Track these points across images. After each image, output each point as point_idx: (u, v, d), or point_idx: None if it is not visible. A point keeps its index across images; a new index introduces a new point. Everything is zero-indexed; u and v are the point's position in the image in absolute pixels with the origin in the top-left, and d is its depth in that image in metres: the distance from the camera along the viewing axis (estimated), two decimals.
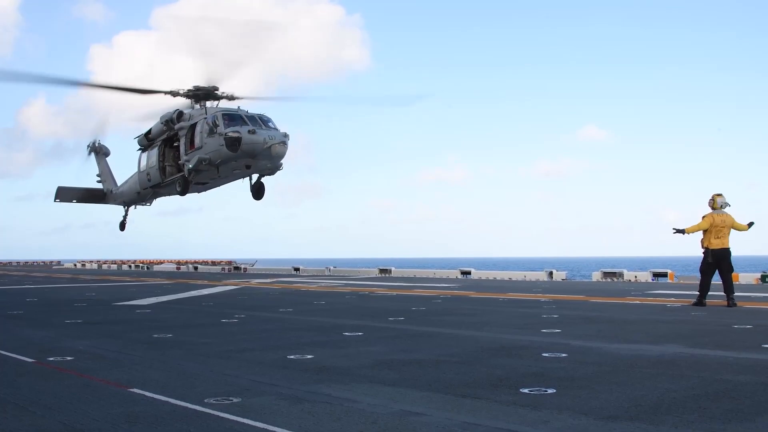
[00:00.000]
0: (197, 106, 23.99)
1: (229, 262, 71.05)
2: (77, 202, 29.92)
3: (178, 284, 31.53)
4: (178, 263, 70.88)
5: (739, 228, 17.08)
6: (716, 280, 16.91)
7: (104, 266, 72.56)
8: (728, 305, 16.12)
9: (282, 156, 21.51)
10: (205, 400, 6.28)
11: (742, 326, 12.18)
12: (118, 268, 68.01)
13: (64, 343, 10.67)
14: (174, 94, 23.63)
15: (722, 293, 16.61)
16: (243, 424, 5.49)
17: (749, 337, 10.72)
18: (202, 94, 23.48)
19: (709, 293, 16.79)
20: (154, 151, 25.06)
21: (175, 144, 24.44)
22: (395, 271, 43.46)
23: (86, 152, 31.17)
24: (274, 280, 36.33)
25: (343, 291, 25.30)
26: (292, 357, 8.99)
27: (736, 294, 16.68)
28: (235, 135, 21.09)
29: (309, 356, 9.03)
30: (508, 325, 12.91)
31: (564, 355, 8.94)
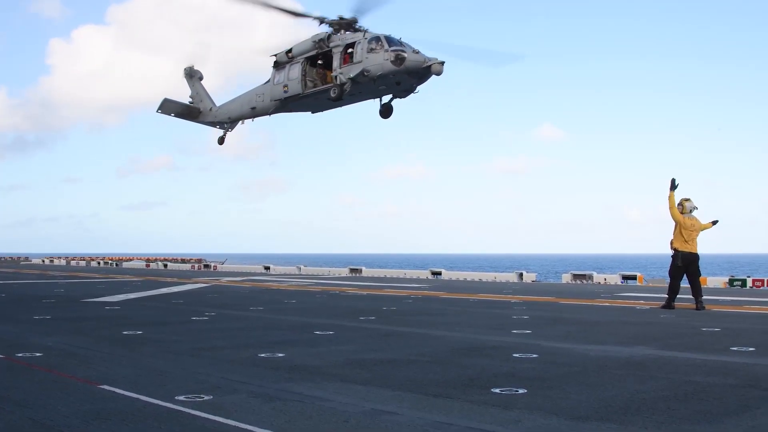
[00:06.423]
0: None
1: (199, 260, 70.55)
2: (175, 116, 31.95)
3: (148, 281, 31.26)
4: (148, 260, 70.16)
5: (705, 228, 17.31)
6: (684, 283, 17.11)
7: (73, 263, 71.64)
8: (696, 308, 16.30)
9: (439, 74, 23.39)
10: (176, 398, 6.24)
11: (710, 329, 12.33)
12: (86, 265, 67.20)
13: (32, 339, 10.55)
14: (321, 20, 25.85)
15: (690, 296, 16.81)
16: (214, 421, 5.46)
17: (717, 340, 10.85)
18: (344, 24, 25.68)
19: (678, 296, 16.98)
20: (296, 66, 27.16)
21: (318, 62, 26.73)
22: (366, 271, 43.43)
23: (183, 75, 33.32)
24: (245, 278, 36.16)
25: (314, 290, 25.25)
26: (263, 355, 8.96)
27: (704, 297, 16.88)
28: (402, 52, 23.30)
29: (280, 355, 9.00)
30: (479, 326, 12.97)
31: (535, 355, 9.01)
